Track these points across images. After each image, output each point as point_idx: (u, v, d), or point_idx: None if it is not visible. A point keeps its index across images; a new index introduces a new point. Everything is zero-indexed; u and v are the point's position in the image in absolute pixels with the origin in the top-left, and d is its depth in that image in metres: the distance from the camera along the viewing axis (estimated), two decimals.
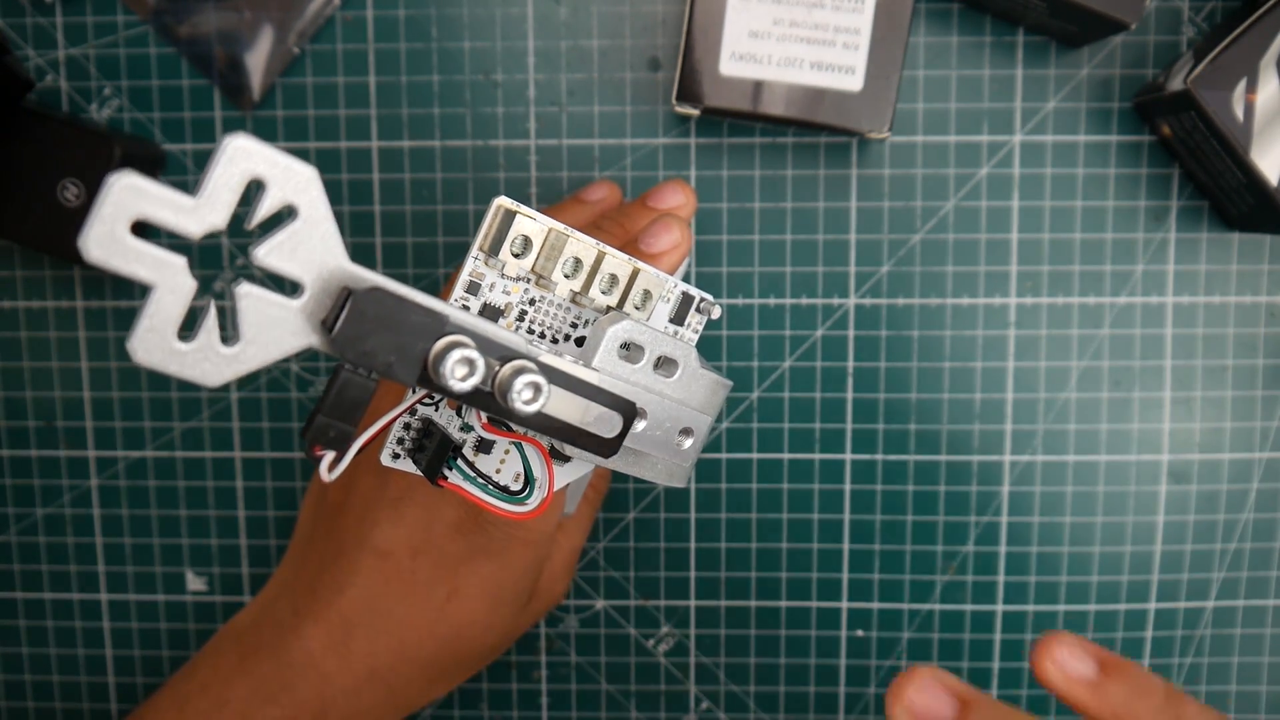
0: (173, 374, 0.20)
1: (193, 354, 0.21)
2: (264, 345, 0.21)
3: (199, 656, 0.35)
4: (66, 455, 0.41)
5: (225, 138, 0.20)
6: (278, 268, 0.21)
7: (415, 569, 0.32)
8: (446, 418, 0.27)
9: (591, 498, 0.37)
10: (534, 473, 0.27)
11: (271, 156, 0.20)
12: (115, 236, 0.19)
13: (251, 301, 0.21)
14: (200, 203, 0.20)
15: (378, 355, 0.22)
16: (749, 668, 0.41)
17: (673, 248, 0.30)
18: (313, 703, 0.32)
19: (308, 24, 0.39)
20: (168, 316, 0.20)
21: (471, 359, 0.22)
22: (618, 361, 0.26)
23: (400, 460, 0.27)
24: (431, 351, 0.22)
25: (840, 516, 0.40)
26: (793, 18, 0.34)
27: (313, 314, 0.22)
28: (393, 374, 0.22)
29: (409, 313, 0.22)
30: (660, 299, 0.28)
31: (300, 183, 0.21)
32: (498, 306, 0.27)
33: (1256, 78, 0.33)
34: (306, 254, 0.21)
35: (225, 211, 0.20)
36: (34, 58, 0.39)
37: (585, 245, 0.27)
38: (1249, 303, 0.39)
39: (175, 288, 0.20)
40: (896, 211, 0.39)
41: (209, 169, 0.20)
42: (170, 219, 0.20)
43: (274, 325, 0.21)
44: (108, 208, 0.19)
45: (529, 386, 0.23)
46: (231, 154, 0.20)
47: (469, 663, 0.34)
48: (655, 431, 0.27)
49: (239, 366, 0.21)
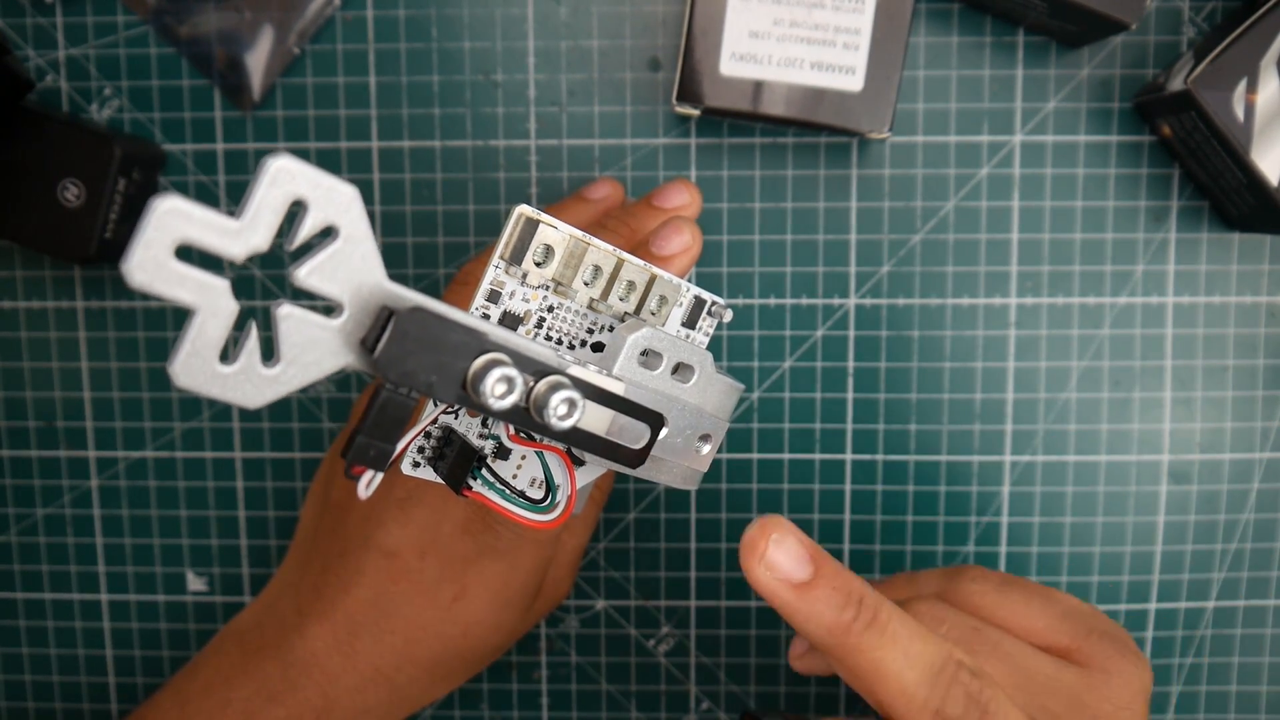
0: (214, 397, 0.20)
1: (234, 377, 0.20)
2: (304, 366, 0.21)
3: (201, 656, 0.35)
4: (67, 456, 0.41)
5: (267, 159, 0.20)
6: (319, 288, 0.21)
7: (422, 569, 0.32)
8: (465, 425, 0.27)
9: (596, 498, 0.37)
10: (555, 479, 0.27)
11: (315, 178, 0.20)
12: (159, 261, 0.19)
13: (293, 323, 0.21)
14: (243, 225, 0.20)
15: (419, 375, 0.22)
16: (749, 668, 0.41)
17: (684, 250, 0.30)
18: (316, 702, 0.32)
19: (308, 24, 0.39)
20: (210, 340, 0.20)
21: (510, 377, 0.22)
22: (637, 368, 0.26)
23: (421, 469, 0.27)
24: (471, 370, 0.22)
25: (841, 517, 0.40)
26: (793, 18, 0.34)
27: (351, 334, 0.22)
28: (434, 393, 0.22)
29: (449, 332, 0.22)
30: (674, 303, 0.28)
31: (343, 203, 0.21)
32: (517, 314, 0.27)
33: (1257, 78, 0.33)
34: (347, 274, 0.21)
35: (267, 234, 0.20)
36: (34, 58, 0.39)
37: (605, 253, 0.27)
38: (1249, 303, 0.39)
39: (218, 311, 0.20)
40: (897, 212, 0.39)
41: (251, 191, 0.20)
42: (214, 243, 0.19)
43: (314, 346, 0.21)
44: (151, 231, 0.19)
45: (565, 403, 0.23)
46: (274, 176, 0.20)
47: (474, 662, 0.34)
48: (676, 439, 0.27)
49: (280, 388, 0.21)
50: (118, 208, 0.37)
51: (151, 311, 0.40)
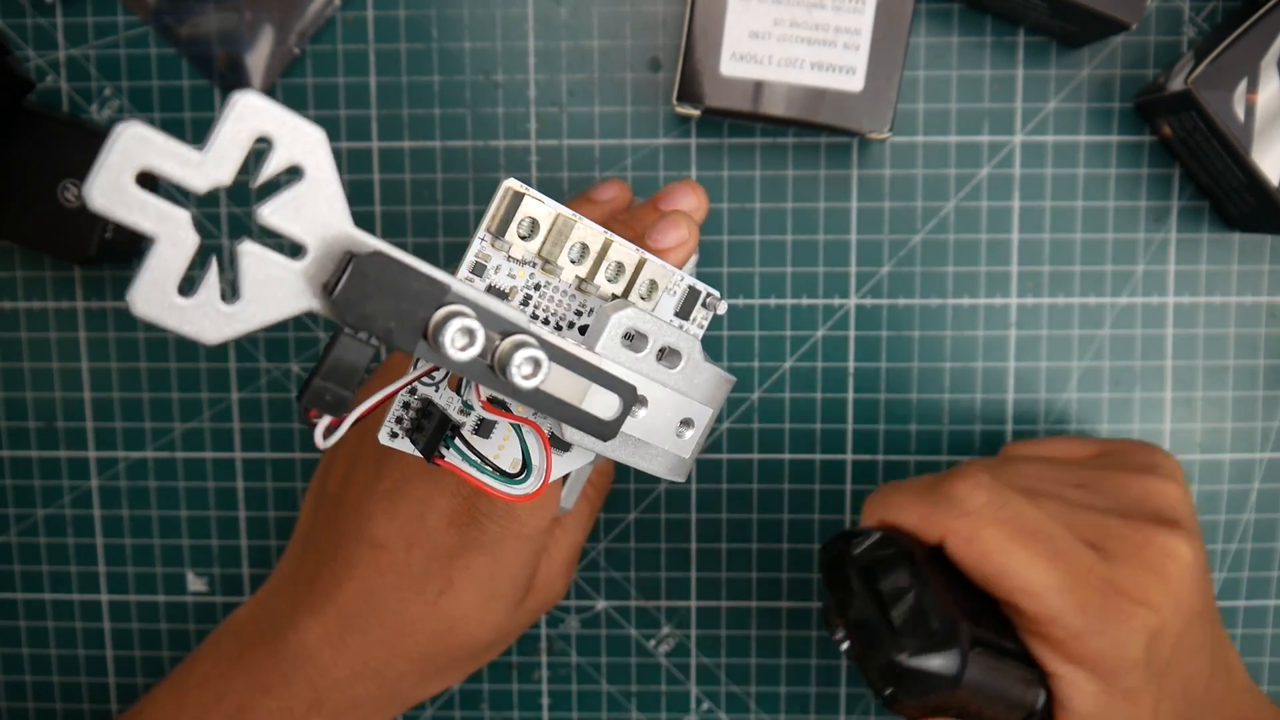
0: (170, 328, 0.20)
1: (192, 309, 0.20)
2: (264, 305, 0.21)
3: (198, 651, 0.35)
4: (67, 456, 0.41)
5: (234, 94, 0.20)
6: (281, 228, 0.21)
7: (409, 561, 0.32)
8: (446, 399, 0.27)
9: (591, 496, 0.36)
10: (531, 457, 0.27)
11: (280, 115, 0.20)
12: (120, 185, 0.19)
13: (253, 260, 0.21)
14: (207, 157, 0.20)
15: (377, 320, 0.22)
16: (750, 668, 0.41)
17: (679, 244, 0.30)
18: (307, 694, 0.32)
19: (308, 24, 0.39)
20: (169, 270, 0.20)
21: (471, 329, 0.22)
22: (621, 349, 0.26)
23: (398, 440, 0.27)
24: (432, 320, 0.22)
25: (842, 517, 0.40)
26: (793, 18, 0.34)
27: (314, 277, 0.22)
28: (392, 340, 0.22)
29: (411, 279, 0.22)
30: (666, 291, 0.28)
31: (308, 143, 0.21)
32: (502, 290, 0.27)
33: (1257, 78, 0.33)
34: (311, 216, 0.21)
35: (231, 168, 0.20)
36: (34, 58, 0.39)
37: (592, 232, 0.27)
38: (1250, 303, 0.39)
39: (177, 241, 0.20)
40: (897, 212, 0.39)
41: (217, 124, 0.20)
42: (176, 172, 0.19)
43: (275, 285, 0.21)
44: (114, 156, 0.19)
45: (529, 361, 0.23)
46: (240, 110, 0.20)
47: (464, 659, 0.34)
48: (656, 420, 0.27)
49: (238, 325, 0.21)
50: None
51: None
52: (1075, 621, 0.29)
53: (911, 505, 0.31)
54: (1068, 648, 0.29)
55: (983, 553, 0.29)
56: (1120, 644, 0.29)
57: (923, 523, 0.31)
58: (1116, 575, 0.30)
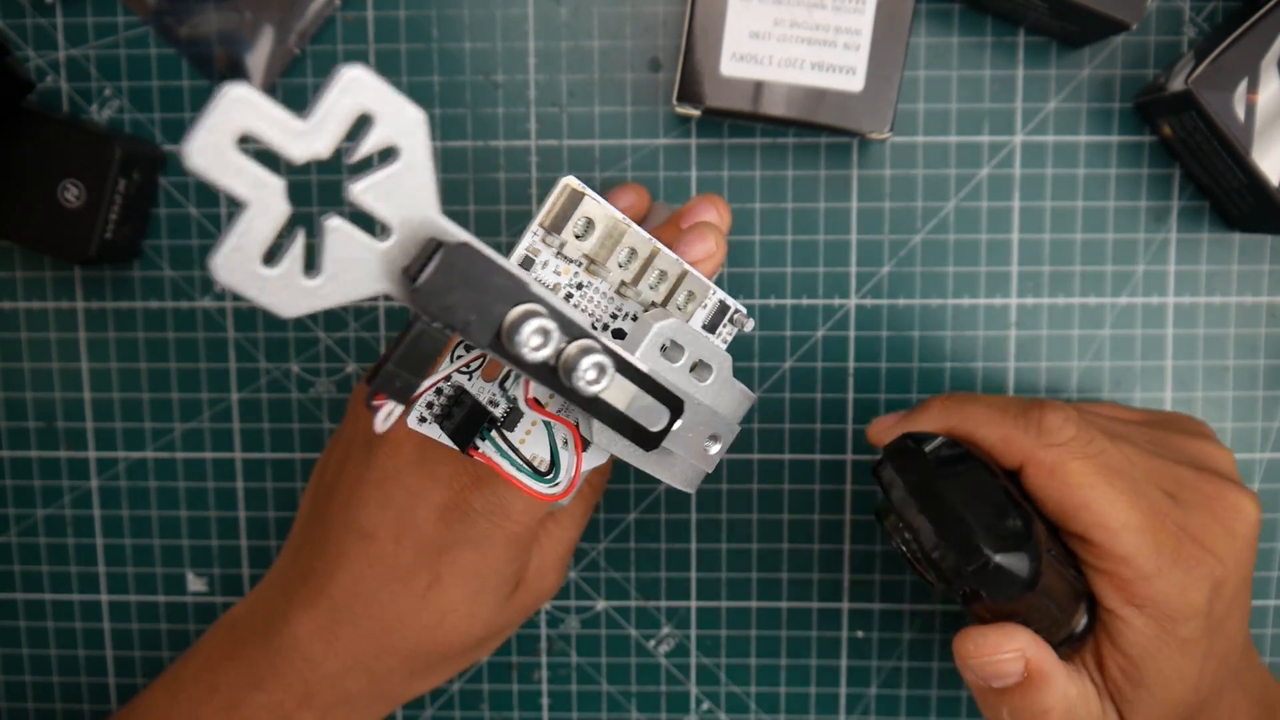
0: (250, 296, 0.20)
1: (275, 280, 0.20)
2: (343, 283, 0.21)
3: (195, 645, 0.35)
4: (67, 456, 0.41)
5: (342, 67, 0.19)
6: (371, 207, 0.21)
7: (398, 553, 0.32)
8: (477, 388, 0.27)
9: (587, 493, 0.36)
10: (560, 455, 0.27)
11: (386, 93, 0.20)
12: (220, 148, 0.19)
13: (339, 236, 0.20)
14: (309, 128, 0.19)
15: (458, 311, 0.22)
16: (750, 669, 0.41)
17: (707, 256, 0.31)
18: (298, 688, 0.32)
19: (308, 25, 0.39)
20: (256, 238, 0.19)
21: (548, 329, 0.22)
22: (658, 357, 0.26)
23: (426, 424, 0.27)
24: (508, 317, 0.22)
25: (841, 517, 0.40)
26: (793, 18, 0.34)
27: (394, 260, 0.21)
28: (469, 333, 0.22)
29: (494, 274, 0.22)
30: (700, 304, 0.28)
31: (409, 125, 0.20)
32: (547, 284, 0.27)
33: (1257, 78, 0.33)
34: (401, 199, 0.21)
35: (330, 141, 0.20)
36: (34, 59, 0.39)
37: (641, 239, 0.27)
38: (1250, 303, 0.39)
39: (268, 210, 0.19)
40: (897, 212, 0.39)
41: (321, 95, 0.19)
42: (276, 138, 0.19)
43: (356, 265, 0.21)
44: (218, 117, 0.18)
45: (595, 367, 0.23)
46: (347, 84, 0.19)
47: (453, 655, 0.34)
48: (688, 433, 0.27)
49: (315, 301, 0.21)
50: (118, 208, 0.37)
51: (151, 312, 0.40)
52: (1148, 563, 0.29)
53: (995, 423, 0.31)
54: (1134, 589, 0.29)
55: (1066, 485, 0.30)
56: (1186, 590, 0.29)
57: (1004, 444, 0.31)
58: (1189, 522, 0.30)
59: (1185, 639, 0.30)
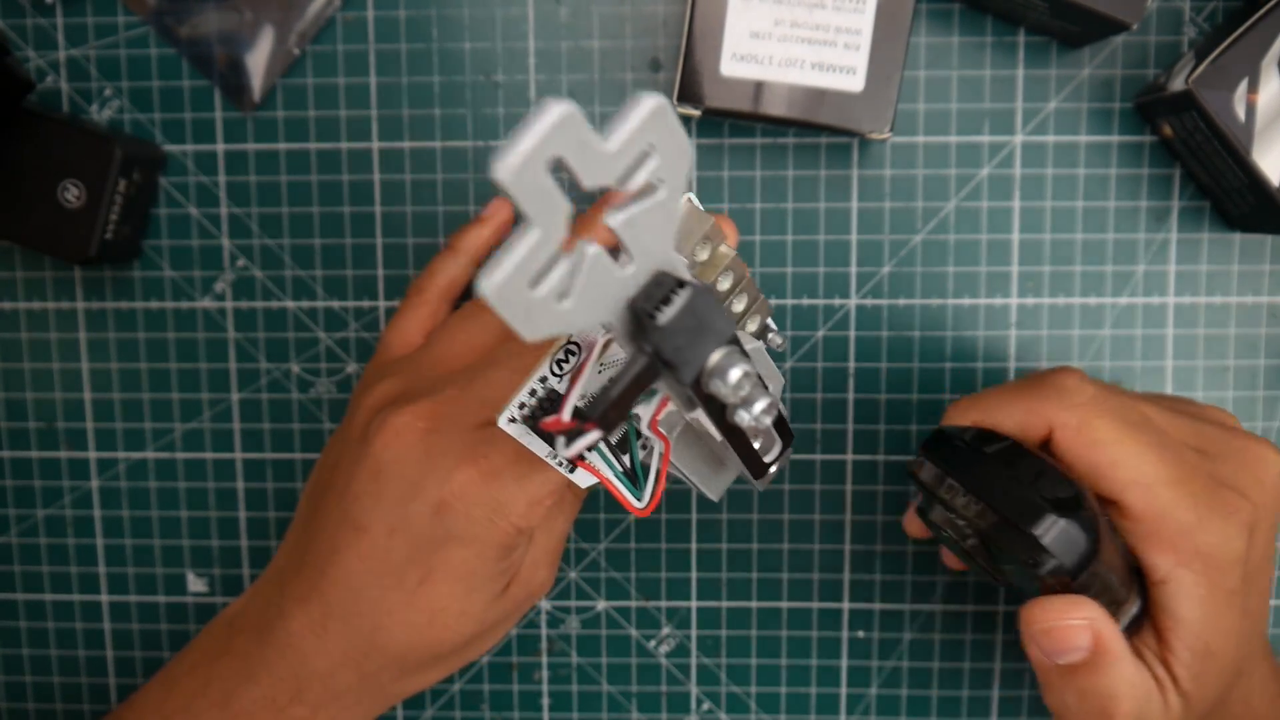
0: (512, 319, 0.19)
1: (538, 304, 0.19)
2: (586, 311, 0.20)
3: (193, 640, 0.35)
4: (67, 456, 0.41)
5: (644, 96, 0.19)
6: (626, 237, 0.20)
7: (390, 548, 0.31)
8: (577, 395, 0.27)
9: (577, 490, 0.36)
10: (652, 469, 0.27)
11: (676, 129, 0.19)
12: (534, 165, 0.18)
13: (599, 265, 0.20)
14: (611, 156, 0.19)
15: (685, 350, 0.21)
16: (750, 669, 0.41)
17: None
18: (290, 682, 0.32)
19: (308, 25, 0.39)
20: (534, 260, 0.19)
21: (749, 373, 0.22)
22: None
23: (514, 425, 0.26)
24: (711, 359, 0.22)
25: (842, 517, 0.40)
26: (794, 18, 0.34)
27: (628, 292, 0.21)
28: (680, 372, 0.21)
29: (716, 318, 0.21)
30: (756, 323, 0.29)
31: (683, 164, 0.20)
32: None
33: (1258, 78, 0.33)
34: (652, 233, 0.20)
35: (621, 172, 0.19)
36: (35, 59, 0.39)
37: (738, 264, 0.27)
38: (1250, 303, 0.39)
39: (552, 234, 0.19)
40: (897, 212, 0.39)
41: (623, 124, 0.19)
42: (579, 163, 0.18)
43: (602, 293, 0.20)
44: (542, 135, 0.18)
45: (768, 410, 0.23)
46: (654, 115, 0.19)
47: (446, 655, 0.34)
48: None
49: (561, 325, 0.20)
50: (118, 208, 0.37)
51: (152, 312, 0.40)
52: (1187, 515, 0.29)
53: (1014, 403, 0.31)
54: (1177, 545, 0.29)
55: (1094, 442, 0.29)
56: (1228, 538, 0.29)
57: (1028, 417, 0.31)
58: (1219, 471, 0.30)
59: (1229, 591, 0.29)
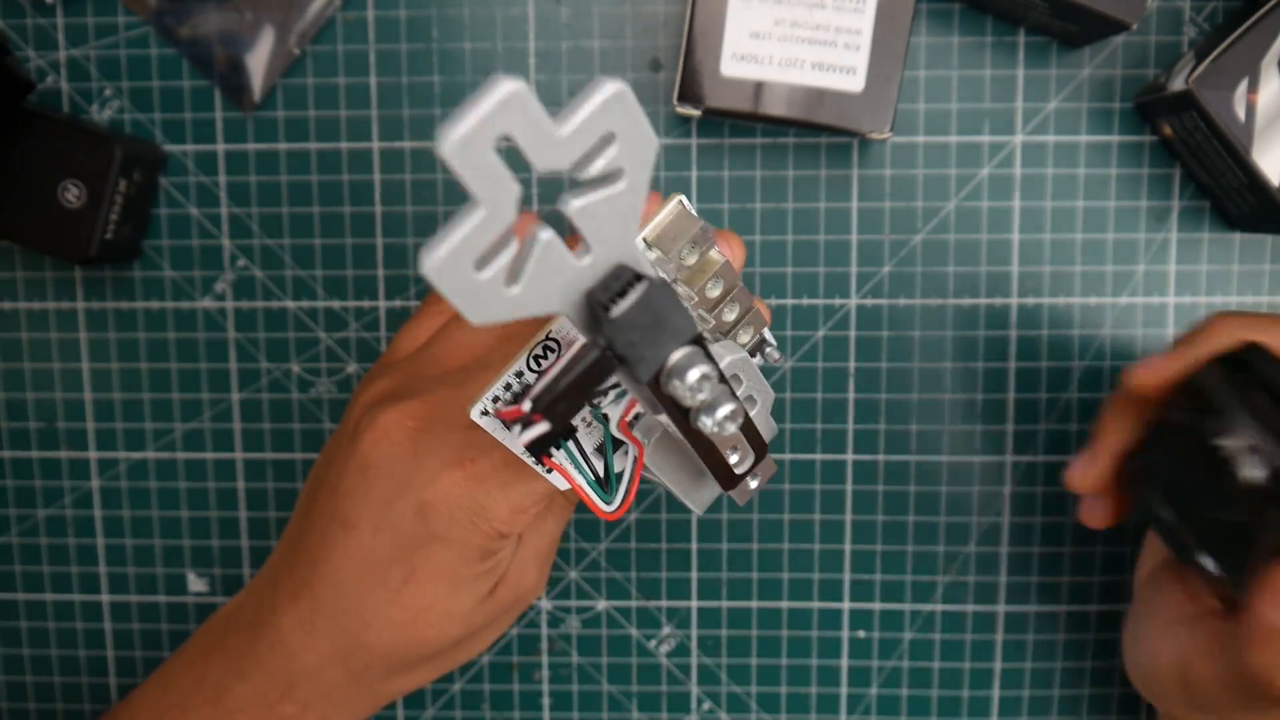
0: (455, 300, 0.19)
1: (483, 286, 0.19)
2: (536, 298, 0.20)
3: (190, 638, 0.36)
4: (68, 456, 0.41)
5: (604, 81, 0.19)
6: (583, 226, 0.20)
7: (375, 546, 0.31)
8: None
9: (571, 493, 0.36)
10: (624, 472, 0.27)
11: (637, 117, 0.19)
12: (481, 141, 0.17)
13: (550, 251, 0.20)
14: (564, 138, 0.18)
15: (639, 347, 0.21)
16: (751, 669, 0.41)
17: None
18: (280, 678, 0.33)
19: (309, 25, 0.39)
20: (478, 241, 0.18)
21: (708, 374, 0.21)
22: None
23: (486, 418, 0.26)
24: (672, 358, 0.21)
25: (842, 517, 0.40)
26: (794, 18, 0.34)
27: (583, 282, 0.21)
28: (637, 369, 0.21)
29: (675, 315, 0.21)
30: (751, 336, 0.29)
31: (646, 154, 0.20)
32: None
33: (1258, 78, 0.33)
34: (612, 223, 0.20)
35: (576, 155, 0.19)
36: (35, 59, 0.39)
37: (729, 271, 0.27)
38: (1250, 303, 0.39)
39: (499, 214, 0.18)
40: (898, 212, 0.39)
41: (578, 108, 0.18)
42: (530, 143, 0.18)
43: (555, 281, 0.20)
44: (487, 111, 0.17)
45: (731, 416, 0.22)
46: (610, 100, 0.19)
47: (432, 655, 0.34)
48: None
49: (508, 311, 0.20)
50: (118, 209, 0.37)
51: (152, 313, 0.40)
52: None
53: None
54: None
55: None
56: None
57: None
58: None
59: None
